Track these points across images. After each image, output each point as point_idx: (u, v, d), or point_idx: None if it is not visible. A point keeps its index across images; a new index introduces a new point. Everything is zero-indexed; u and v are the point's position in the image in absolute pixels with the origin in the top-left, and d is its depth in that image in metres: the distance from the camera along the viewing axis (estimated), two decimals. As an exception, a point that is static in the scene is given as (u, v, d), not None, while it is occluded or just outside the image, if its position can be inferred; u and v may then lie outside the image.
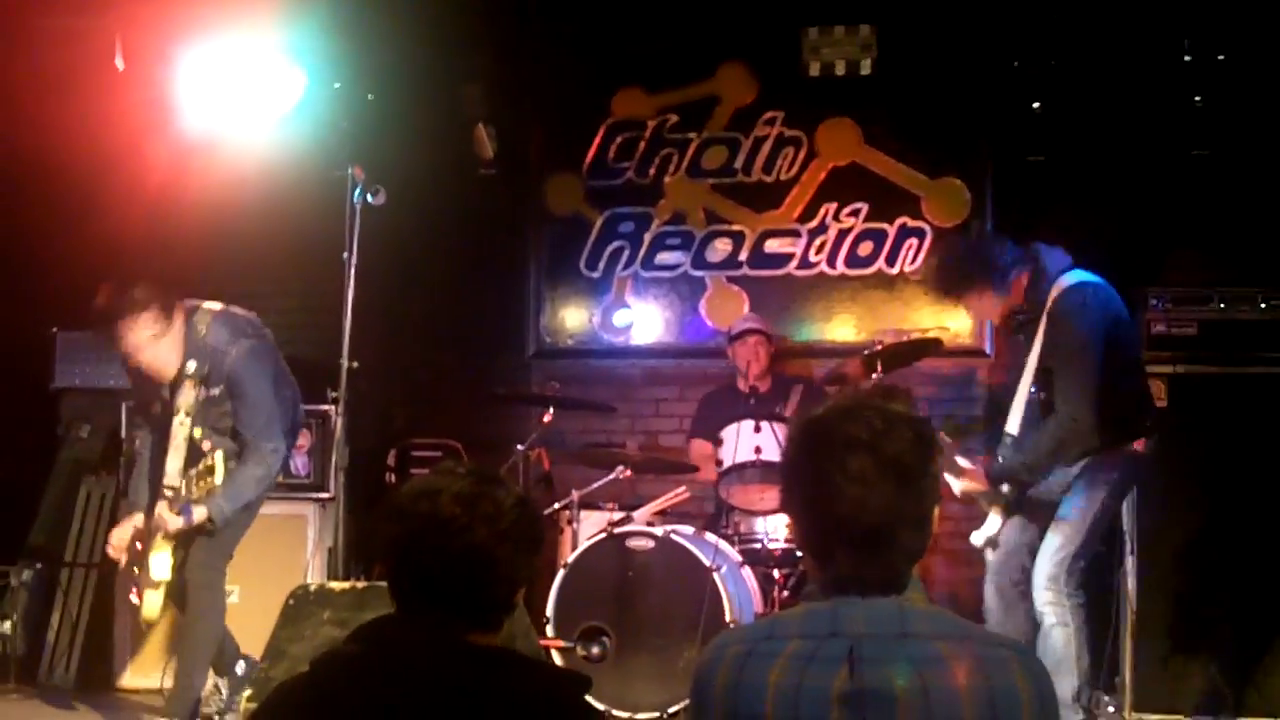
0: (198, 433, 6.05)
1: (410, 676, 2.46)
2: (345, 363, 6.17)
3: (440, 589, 2.58)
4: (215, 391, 6.06)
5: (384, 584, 2.69)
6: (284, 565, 7.26)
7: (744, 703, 2.45)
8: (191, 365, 6.04)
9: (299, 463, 7.53)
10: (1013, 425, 5.87)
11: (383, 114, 8.21)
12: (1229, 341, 6.74)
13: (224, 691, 6.38)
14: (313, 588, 5.79)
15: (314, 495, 7.50)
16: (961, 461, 5.90)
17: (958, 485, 5.92)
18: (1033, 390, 5.83)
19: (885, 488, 2.48)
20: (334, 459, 5.91)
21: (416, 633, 2.55)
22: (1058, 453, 5.72)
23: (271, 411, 6.12)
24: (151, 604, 6.11)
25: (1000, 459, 5.83)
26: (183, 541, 6.12)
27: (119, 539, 6.21)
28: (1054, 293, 5.82)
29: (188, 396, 6.04)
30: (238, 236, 8.43)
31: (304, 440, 7.52)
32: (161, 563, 6.07)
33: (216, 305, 6.21)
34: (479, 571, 2.58)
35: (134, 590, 6.24)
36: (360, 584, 5.68)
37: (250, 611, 7.04)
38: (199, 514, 6.00)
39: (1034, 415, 5.82)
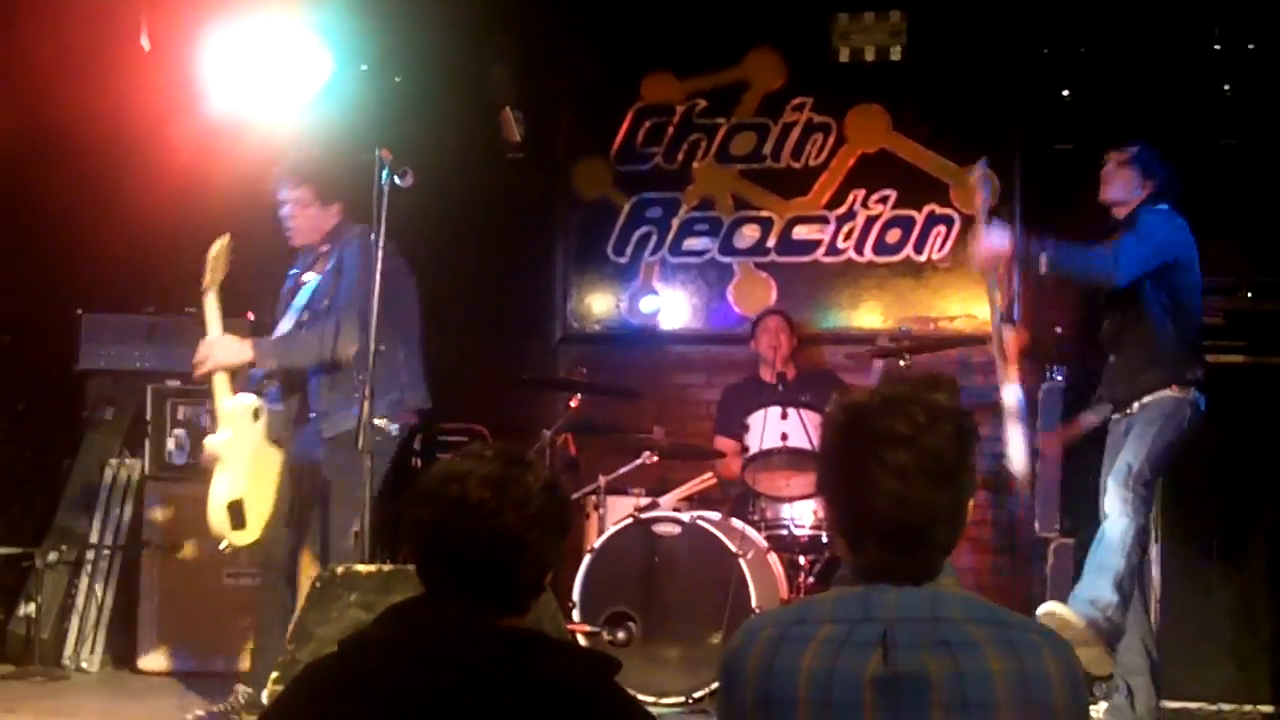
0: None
1: (439, 659, 2.45)
2: (372, 346, 6.14)
3: (469, 573, 2.57)
4: (330, 265, 6.36)
5: (410, 567, 2.68)
6: (310, 549, 7.26)
7: (776, 687, 2.43)
8: (325, 246, 6.46)
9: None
10: None
11: (410, 97, 8.21)
12: (1257, 332, 6.71)
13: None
14: (339, 570, 5.78)
15: (340, 478, 7.49)
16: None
17: None
18: None
19: (923, 484, 2.46)
20: (359, 442, 5.89)
21: (445, 616, 2.55)
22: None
23: (357, 305, 6.10)
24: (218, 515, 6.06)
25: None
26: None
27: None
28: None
29: (311, 278, 6.42)
30: (265, 219, 8.40)
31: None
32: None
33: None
34: (508, 555, 2.57)
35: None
36: (387, 567, 5.67)
37: (276, 594, 7.07)
38: (238, 350, 6.18)
39: None
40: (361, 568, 5.73)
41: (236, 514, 6.05)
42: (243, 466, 6.10)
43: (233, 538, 6.04)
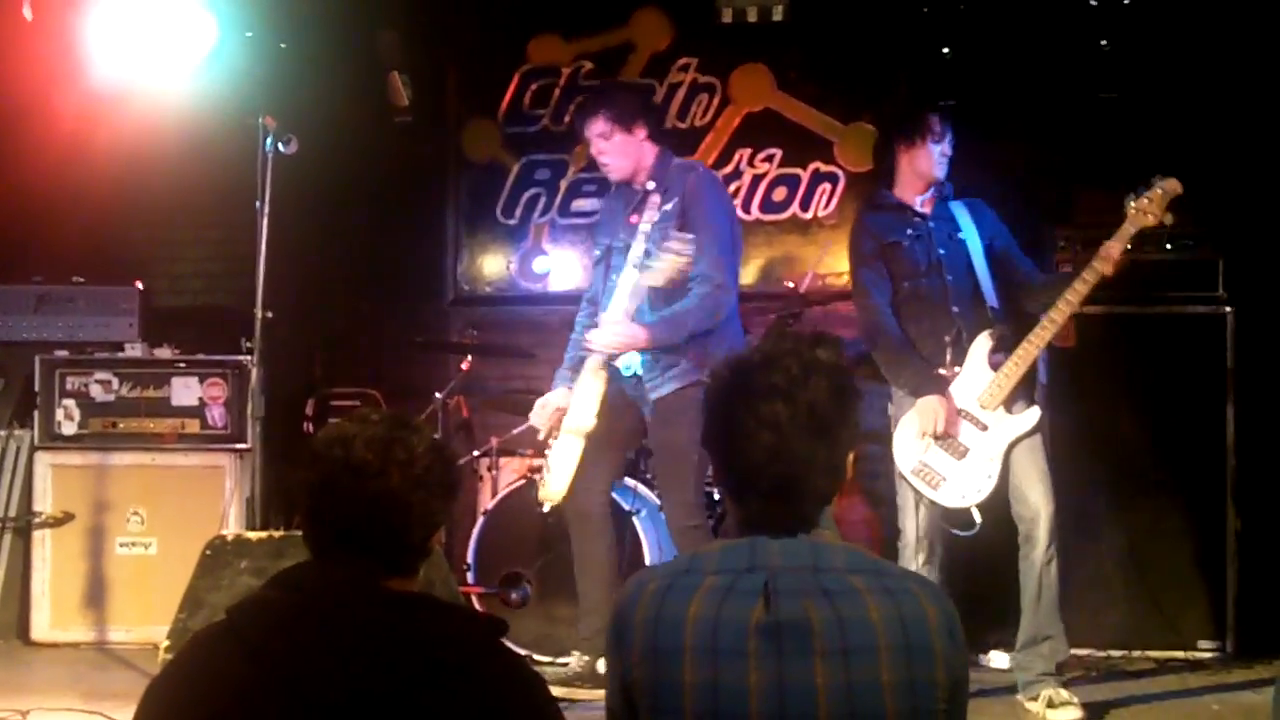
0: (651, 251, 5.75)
1: (328, 621, 2.46)
2: (259, 312, 6.15)
3: (354, 535, 2.57)
4: (669, 207, 5.89)
5: (301, 533, 2.70)
6: (202, 516, 7.23)
7: (663, 636, 2.49)
8: (652, 184, 6.01)
9: (216, 413, 7.52)
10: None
11: (296, 62, 8.15)
12: (1136, 282, 6.82)
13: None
14: (230, 538, 5.81)
15: (231, 446, 7.48)
16: None
17: None
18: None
19: (798, 437, 2.52)
20: (250, 409, 5.90)
21: (333, 578, 2.55)
22: None
23: (725, 246, 5.95)
24: (555, 482, 5.94)
25: None
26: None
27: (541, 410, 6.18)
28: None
29: (644, 221, 5.95)
30: (152, 187, 8.37)
31: (220, 390, 7.52)
32: (586, 404, 5.88)
33: None
34: (393, 517, 2.58)
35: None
36: (278, 534, 5.69)
37: (169, 563, 7.09)
38: (630, 330, 5.83)
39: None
40: (252, 534, 5.77)
41: None
42: None
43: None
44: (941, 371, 5.82)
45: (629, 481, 6.87)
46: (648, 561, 6.53)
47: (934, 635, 2.48)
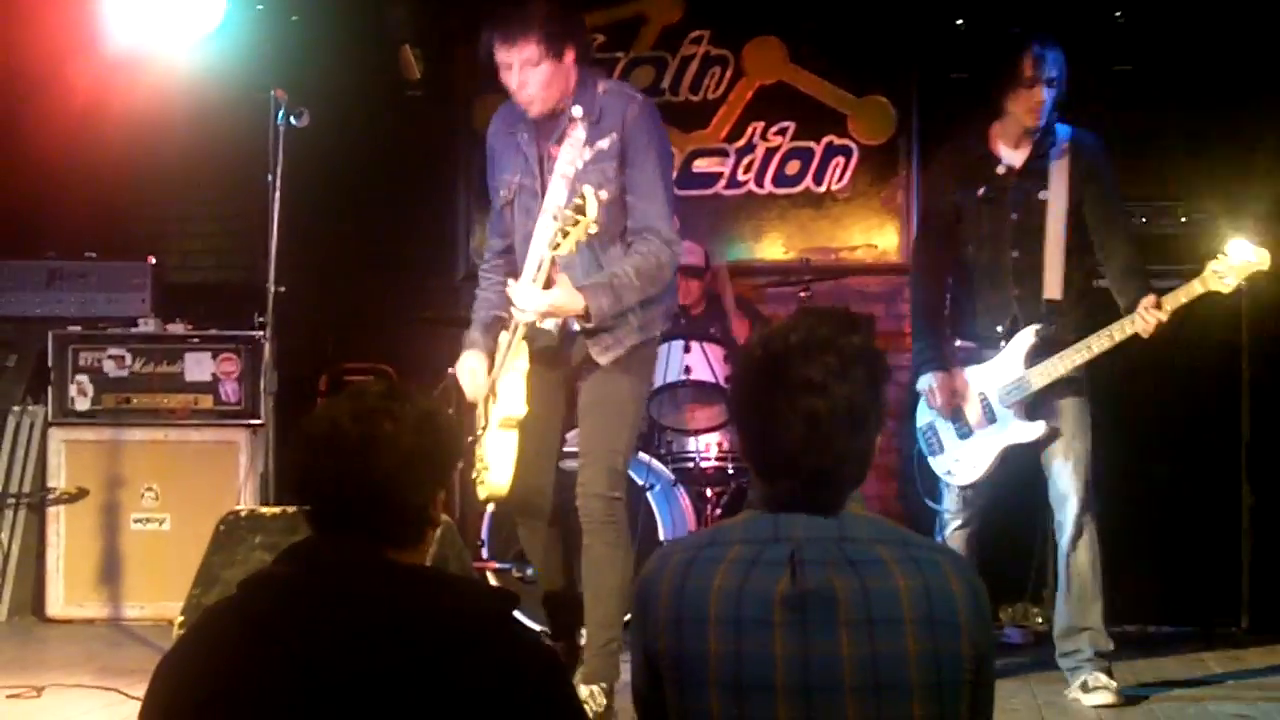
0: (585, 191, 4.80)
1: (332, 596, 2.45)
2: (271, 287, 6.14)
3: (347, 510, 2.56)
4: (604, 144, 5.09)
5: (310, 508, 2.68)
6: (216, 492, 7.26)
7: (688, 607, 2.49)
8: (578, 110, 5.13)
9: (229, 389, 7.52)
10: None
11: (308, 35, 8.15)
12: (1152, 255, 6.80)
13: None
14: (244, 513, 5.80)
15: (245, 421, 7.49)
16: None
17: None
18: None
19: (834, 430, 2.51)
20: (262, 384, 5.88)
21: (335, 553, 2.54)
22: None
23: (669, 196, 5.18)
24: (496, 476, 5.18)
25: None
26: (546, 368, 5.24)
27: (472, 381, 5.39)
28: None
29: (567, 155, 5.12)
30: (164, 160, 8.37)
31: (233, 365, 7.51)
32: (514, 390, 5.14)
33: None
34: (382, 490, 2.55)
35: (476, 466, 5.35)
36: (292, 508, 5.68)
37: (183, 539, 7.08)
38: (564, 298, 4.95)
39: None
40: (266, 510, 5.76)
41: None
42: None
43: None
44: (959, 344, 5.76)
45: (643, 456, 6.85)
46: (661, 537, 6.51)
47: (960, 608, 2.47)
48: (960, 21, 8.05)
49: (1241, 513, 6.78)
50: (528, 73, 5.09)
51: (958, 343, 5.78)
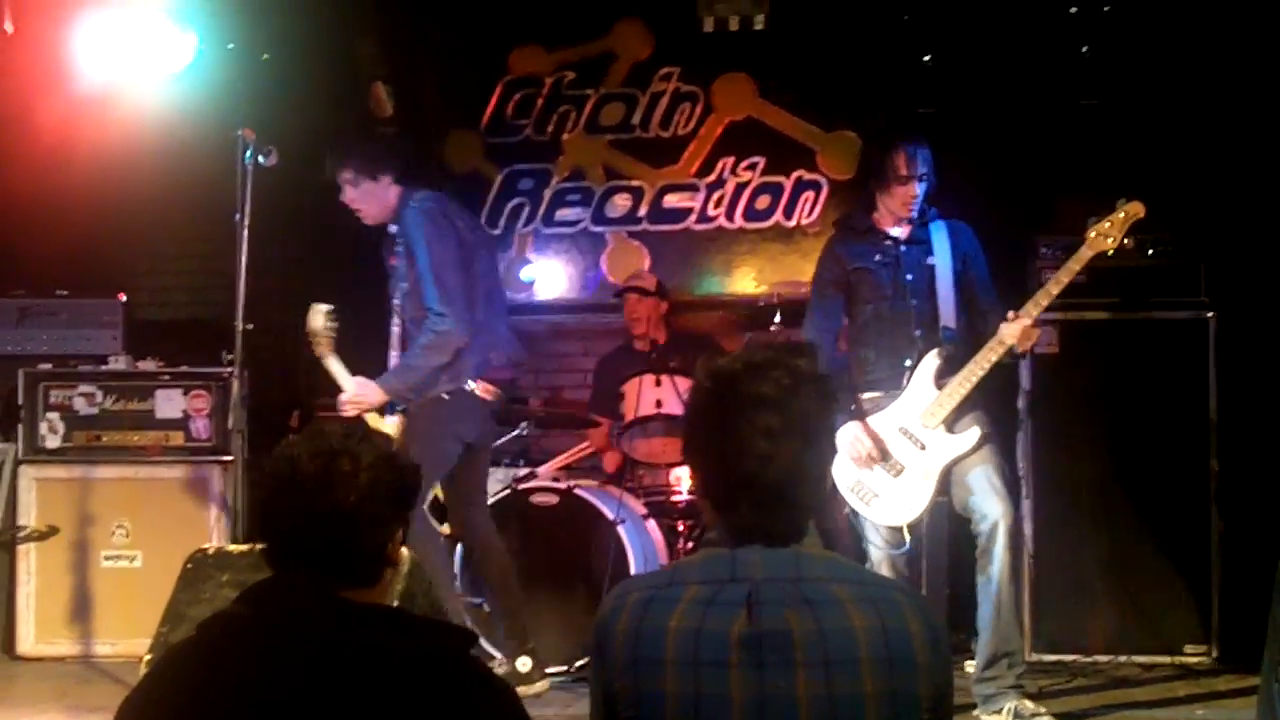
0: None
1: (285, 636, 2.46)
2: (240, 325, 6.16)
3: (304, 548, 2.58)
4: (401, 249, 6.29)
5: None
6: (188, 529, 7.26)
7: (645, 648, 2.49)
8: (394, 227, 6.31)
9: (200, 425, 7.52)
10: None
11: (278, 74, 8.16)
12: (1118, 288, 6.85)
13: None
14: (211, 551, 5.78)
15: (216, 458, 7.48)
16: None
17: None
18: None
19: (791, 445, 2.52)
20: (231, 421, 5.91)
21: (290, 592, 2.56)
22: None
23: (441, 274, 6.15)
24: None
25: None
26: None
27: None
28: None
29: (398, 267, 6.29)
30: (134, 200, 8.36)
31: (204, 402, 7.51)
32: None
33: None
34: (339, 530, 2.57)
35: None
36: (260, 546, 5.67)
37: (154, 576, 7.04)
38: (364, 389, 6.12)
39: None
40: (234, 547, 5.75)
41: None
42: None
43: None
44: (865, 396, 5.85)
45: (613, 490, 6.87)
46: (632, 571, 6.52)
47: (917, 648, 2.48)
48: (927, 58, 8.09)
49: (1211, 541, 6.79)
50: (349, 191, 6.30)
51: (864, 395, 5.87)
